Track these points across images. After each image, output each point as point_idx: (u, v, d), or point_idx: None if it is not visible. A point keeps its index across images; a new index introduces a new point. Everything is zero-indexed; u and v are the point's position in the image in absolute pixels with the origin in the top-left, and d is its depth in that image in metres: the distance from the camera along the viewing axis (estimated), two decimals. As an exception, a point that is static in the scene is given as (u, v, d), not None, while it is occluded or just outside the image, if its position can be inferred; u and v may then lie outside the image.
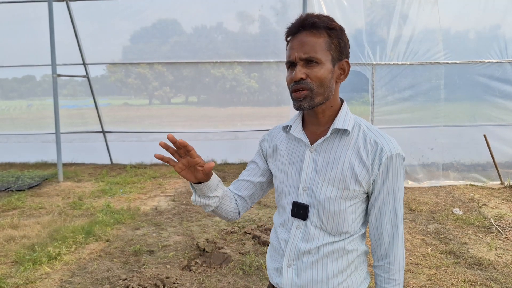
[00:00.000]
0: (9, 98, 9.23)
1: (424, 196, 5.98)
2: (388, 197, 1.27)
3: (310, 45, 1.20)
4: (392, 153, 1.23)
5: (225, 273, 3.62)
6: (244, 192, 1.47)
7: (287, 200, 1.34)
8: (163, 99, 9.63)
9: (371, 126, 1.31)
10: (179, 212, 5.36)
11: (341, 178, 1.24)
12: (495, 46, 6.51)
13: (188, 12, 7.86)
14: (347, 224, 1.28)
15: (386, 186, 1.25)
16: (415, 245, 4.21)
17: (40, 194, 6.25)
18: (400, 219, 1.29)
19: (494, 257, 3.90)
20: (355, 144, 1.26)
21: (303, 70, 1.21)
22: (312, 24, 1.21)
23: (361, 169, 1.24)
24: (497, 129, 6.81)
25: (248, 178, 1.48)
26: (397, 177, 1.26)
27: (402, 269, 1.31)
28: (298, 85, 1.21)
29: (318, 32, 1.21)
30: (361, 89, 7.05)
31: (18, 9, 7.49)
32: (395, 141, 1.27)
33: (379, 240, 1.31)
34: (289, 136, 1.39)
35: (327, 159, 1.27)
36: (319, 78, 1.21)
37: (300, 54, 1.21)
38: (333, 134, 1.29)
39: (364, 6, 6.51)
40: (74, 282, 3.46)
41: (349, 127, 1.26)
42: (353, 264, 1.32)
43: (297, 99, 1.23)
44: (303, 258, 1.30)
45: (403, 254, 1.31)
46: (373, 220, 1.31)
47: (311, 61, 1.21)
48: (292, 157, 1.35)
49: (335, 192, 1.25)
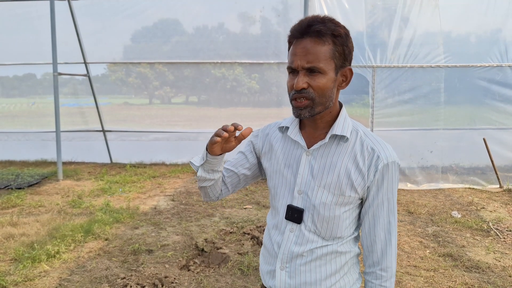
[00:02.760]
0: (9, 96, 9.24)
1: (423, 199, 5.99)
2: (382, 205, 1.27)
3: (313, 53, 1.16)
4: (389, 161, 1.23)
5: (223, 273, 3.63)
6: (227, 180, 1.49)
7: (281, 202, 1.34)
8: (163, 98, 9.64)
9: (368, 132, 1.30)
10: (178, 212, 5.37)
11: (337, 184, 1.24)
12: (495, 50, 6.51)
13: (189, 12, 7.88)
14: (341, 229, 1.29)
15: (381, 193, 1.25)
16: (413, 247, 4.22)
17: (39, 192, 6.26)
18: (393, 226, 1.29)
19: (492, 260, 3.91)
20: (352, 150, 1.26)
21: (305, 79, 1.18)
22: (318, 31, 1.16)
23: (357, 176, 1.24)
24: (496, 132, 6.82)
25: (233, 168, 1.48)
26: (392, 184, 1.26)
27: (393, 276, 1.31)
28: (300, 94, 1.19)
29: (322, 40, 1.17)
30: (361, 91, 7.06)
31: (20, 7, 7.50)
32: (391, 148, 1.27)
33: (372, 247, 1.30)
34: (285, 137, 1.38)
35: (323, 164, 1.27)
36: (321, 89, 1.19)
37: (303, 63, 1.17)
38: (331, 139, 1.28)
39: (365, 8, 6.52)
40: (72, 281, 3.47)
41: (347, 133, 1.25)
42: (346, 266, 1.33)
43: (297, 107, 1.22)
44: (296, 261, 1.31)
45: (395, 262, 1.31)
46: (366, 227, 1.31)
47: (314, 70, 1.18)
48: (288, 159, 1.34)
49: (331, 198, 1.25)
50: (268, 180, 1.44)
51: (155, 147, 8.71)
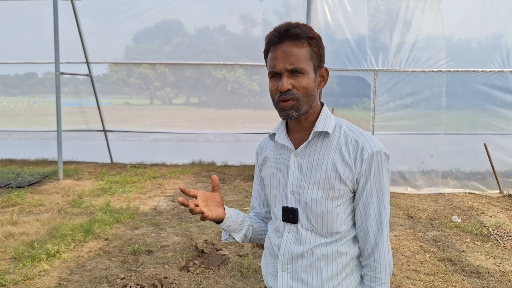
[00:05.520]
0: (10, 94, 9.24)
1: (423, 203, 5.99)
2: (371, 195, 1.28)
3: (294, 55, 1.22)
4: (374, 151, 1.25)
5: (223, 275, 3.62)
6: (265, 207, 1.58)
7: (277, 206, 1.37)
8: (164, 99, 9.65)
9: (352, 126, 1.33)
10: (178, 212, 5.37)
11: (325, 179, 1.26)
12: (497, 56, 6.53)
13: (191, 14, 7.89)
14: (337, 224, 1.29)
15: (369, 183, 1.27)
16: (413, 251, 4.22)
17: (39, 191, 6.25)
18: (384, 216, 1.29)
19: (492, 265, 3.91)
20: (337, 144, 1.29)
21: (289, 80, 1.23)
22: (296, 35, 1.22)
23: (344, 168, 1.26)
24: (497, 138, 6.83)
25: (258, 193, 1.58)
26: (379, 174, 1.27)
27: (388, 267, 1.30)
28: (285, 96, 1.23)
29: (301, 43, 1.23)
30: (362, 94, 7.06)
31: (24, 6, 7.52)
32: (377, 139, 1.29)
33: (365, 239, 1.31)
34: (275, 144, 1.42)
35: (311, 162, 1.30)
36: (305, 88, 1.24)
37: (286, 65, 1.22)
38: (315, 137, 1.31)
39: (367, 12, 6.53)
40: (72, 280, 3.47)
41: (329, 129, 1.28)
42: (348, 267, 1.33)
43: (284, 108, 1.25)
44: (297, 262, 1.32)
45: (388, 252, 1.30)
46: (358, 219, 1.32)
47: (296, 71, 1.23)
48: (279, 163, 1.38)
49: (321, 193, 1.27)
50: (266, 188, 1.47)
51: (156, 147, 8.72)
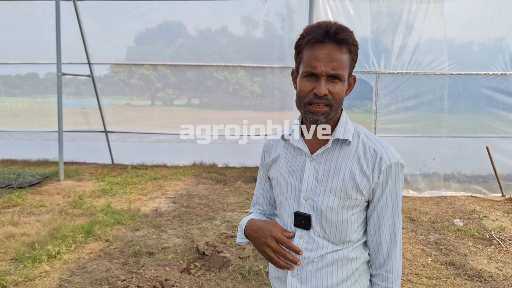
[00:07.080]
0: (12, 95, 9.23)
1: (425, 206, 5.97)
2: (386, 206, 1.27)
3: (338, 61, 1.17)
4: (392, 162, 1.24)
5: (224, 277, 3.61)
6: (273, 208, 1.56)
7: (288, 210, 1.35)
8: (165, 100, 9.64)
9: (369, 134, 1.31)
10: (179, 214, 5.35)
11: (342, 188, 1.24)
12: (499, 59, 6.51)
13: (193, 15, 7.88)
14: (350, 233, 1.29)
15: (385, 194, 1.26)
16: (415, 255, 4.20)
17: (40, 192, 6.24)
18: (398, 227, 1.29)
19: (494, 269, 3.89)
20: (355, 153, 1.27)
21: (327, 85, 1.18)
22: (343, 40, 1.17)
23: (362, 178, 1.24)
24: (499, 141, 6.81)
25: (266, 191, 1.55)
26: (396, 185, 1.26)
27: (399, 278, 1.31)
28: (320, 100, 1.19)
29: (345, 48, 1.19)
30: (364, 97, 7.05)
31: (26, 6, 7.52)
32: (394, 149, 1.28)
33: (378, 249, 1.31)
34: (288, 145, 1.39)
35: (328, 168, 1.27)
36: (339, 95, 1.21)
37: (328, 69, 1.17)
38: (334, 143, 1.29)
39: (370, 14, 6.52)
40: (73, 282, 3.46)
41: (349, 137, 1.26)
42: (357, 272, 1.33)
43: (315, 112, 1.21)
44: (307, 267, 1.30)
45: (400, 263, 1.31)
46: (371, 229, 1.31)
47: (335, 77, 1.19)
48: (292, 166, 1.35)
49: (337, 202, 1.25)
50: (273, 189, 1.45)
51: (157, 148, 8.70)
